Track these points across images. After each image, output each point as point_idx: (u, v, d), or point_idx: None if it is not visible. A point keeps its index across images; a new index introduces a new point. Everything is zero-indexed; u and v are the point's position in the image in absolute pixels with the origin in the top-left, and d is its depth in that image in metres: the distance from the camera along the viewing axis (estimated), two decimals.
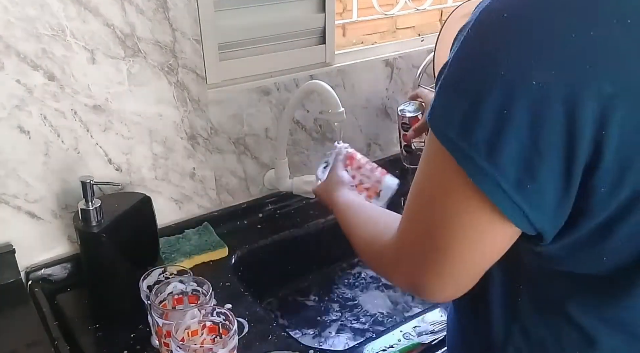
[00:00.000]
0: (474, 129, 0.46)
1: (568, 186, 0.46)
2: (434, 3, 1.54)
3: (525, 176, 0.45)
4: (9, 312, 0.94)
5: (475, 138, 0.46)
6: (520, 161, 0.45)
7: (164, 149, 1.11)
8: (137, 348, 0.90)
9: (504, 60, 0.45)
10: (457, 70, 0.48)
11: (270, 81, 1.21)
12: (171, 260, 1.08)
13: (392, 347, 0.90)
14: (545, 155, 0.45)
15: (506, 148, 0.45)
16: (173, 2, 1.02)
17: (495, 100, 0.45)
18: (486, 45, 0.46)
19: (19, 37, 0.90)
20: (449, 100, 0.49)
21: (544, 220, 0.48)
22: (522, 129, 0.44)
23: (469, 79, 0.47)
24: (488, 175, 0.46)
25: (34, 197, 1.00)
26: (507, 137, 0.45)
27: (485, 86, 0.45)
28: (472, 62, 0.47)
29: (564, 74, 0.43)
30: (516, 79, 0.44)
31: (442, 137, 0.49)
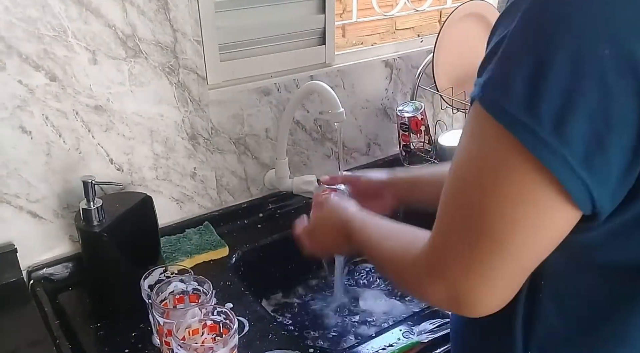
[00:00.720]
0: (539, 101, 0.43)
1: (636, 160, 0.44)
2: (433, 4, 1.55)
3: (594, 150, 0.43)
4: (10, 311, 0.94)
5: (540, 111, 0.43)
6: (589, 135, 0.43)
7: (165, 148, 1.12)
8: (139, 347, 0.90)
9: (574, 29, 0.42)
10: (519, 40, 0.45)
11: (270, 81, 1.21)
12: (172, 259, 1.08)
13: (392, 346, 0.90)
14: (616, 129, 0.42)
15: (576, 121, 0.42)
16: (174, 3, 1.02)
17: (563, 71, 0.42)
18: (554, 14, 0.44)
19: (21, 38, 0.91)
20: (509, 72, 0.45)
21: (606, 197, 0.45)
22: (592, 101, 0.42)
23: (534, 48, 0.44)
24: (555, 150, 0.43)
25: (35, 197, 1.00)
26: (577, 110, 0.42)
27: (553, 54, 0.43)
28: (537, 30, 0.44)
29: (635, 44, 0.41)
30: (587, 48, 0.42)
31: (500, 112, 0.45)
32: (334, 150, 1.37)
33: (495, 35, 0.48)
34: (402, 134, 1.38)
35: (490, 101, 0.46)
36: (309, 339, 1.10)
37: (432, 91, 1.38)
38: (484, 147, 0.48)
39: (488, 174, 0.47)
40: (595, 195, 0.45)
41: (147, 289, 0.86)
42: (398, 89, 1.44)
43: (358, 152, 1.44)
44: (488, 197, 0.47)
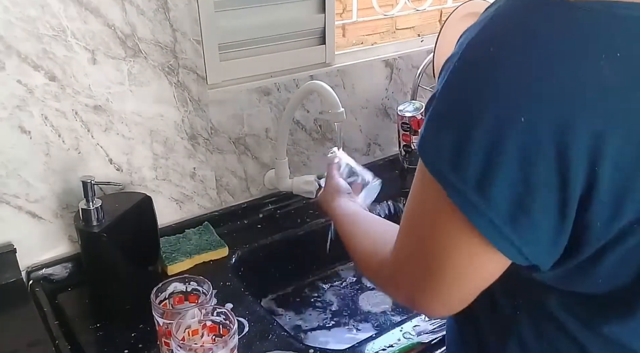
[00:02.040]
0: (463, 163, 0.45)
1: (562, 221, 0.45)
2: (433, 4, 1.54)
3: (518, 212, 0.45)
4: (10, 311, 0.94)
5: (465, 172, 0.45)
6: (511, 197, 0.44)
7: (165, 149, 1.11)
8: (138, 347, 0.90)
9: (491, 97, 0.44)
10: (445, 103, 0.48)
11: (270, 81, 1.21)
12: (172, 259, 1.08)
13: (392, 346, 0.90)
14: (537, 192, 0.44)
15: (497, 184, 0.44)
16: (173, 3, 1.02)
17: (484, 136, 0.44)
18: (473, 80, 0.45)
19: (20, 38, 0.90)
20: (438, 132, 0.48)
21: (539, 254, 0.47)
22: (512, 165, 0.43)
23: (457, 114, 0.46)
24: (479, 210, 0.45)
25: (34, 197, 1.00)
26: (498, 173, 0.44)
27: (473, 122, 0.44)
28: (459, 96, 0.47)
29: (552, 111, 0.42)
30: (504, 116, 0.43)
31: (432, 169, 0.48)
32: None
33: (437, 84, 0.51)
34: (403, 133, 1.37)
35: (426, 158, 0.49)
36: (309, 339, 1.10)
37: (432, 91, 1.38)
38: (425, 194, 0.51)
39: (429, 218, 0.51)
40: (526, 252, 0.47)
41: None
42: (398, 88, 1.44)
43: (358, 152, 1.43)
44: (430, 238, 0.51)
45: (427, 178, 0.49)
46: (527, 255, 0.47)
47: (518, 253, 0.47)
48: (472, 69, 0.46)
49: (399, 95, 1.45)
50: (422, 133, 0.50)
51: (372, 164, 1.45)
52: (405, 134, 1.37)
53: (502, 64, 0.44)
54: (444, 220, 0.49)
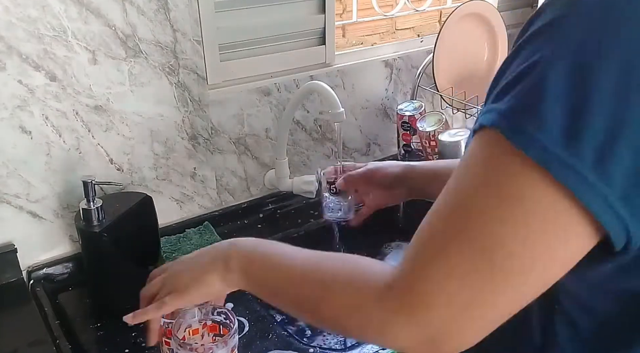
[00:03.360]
0: (581, 133, 0.39)
1: None
2: (433, 4, 1.55)
3: (635, 186, 0.40)
4: (10, 311, 0.94)
5: (582, 144, 0.39)
6: (632, 171, 0.40)
7: (165, 149, 1.12)
8: (138, 347, 0.90)
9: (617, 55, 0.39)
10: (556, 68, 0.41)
11: (270, 82, 1.21)
12: (172, 259, 1.08)
13: None
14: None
15: (620, 156, 0.39)
16: (174, 3, 1.02)
17: (606, 101, 0.39)
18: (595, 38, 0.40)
19: (21, 38, 0.91)
20: (543, 101, 0.41)
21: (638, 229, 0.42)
22: (637, 133, 0.39)
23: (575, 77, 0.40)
24: (595, 188, 0.40)
25: (35, 197, 1.00)
26: (620, 143, 0.39)
27: (596, 82, 0.39)
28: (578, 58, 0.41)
29: None
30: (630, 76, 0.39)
31: (531, 145, 0.41)
32: (333, 150, 1.37)
33: (520, 57, 0.44)
34: (403, 133, 1.38)
35: (519, 132, 0.41)
36: (309, 339, 1.10)
37: (432, 91, 1.38)
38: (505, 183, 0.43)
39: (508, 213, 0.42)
40: (632, 231, 0.42)
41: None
42: (398, 89, 1.44)
43: (358, 152, 1.44)
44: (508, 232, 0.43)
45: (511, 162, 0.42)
46: (632, 234, 0.42)
47: (624, 231, 0.42)
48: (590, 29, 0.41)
49: (399, 96, 1.45)
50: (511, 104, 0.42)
51: None
52: (405, 134, 1.37)
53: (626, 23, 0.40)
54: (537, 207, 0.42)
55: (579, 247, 0.43)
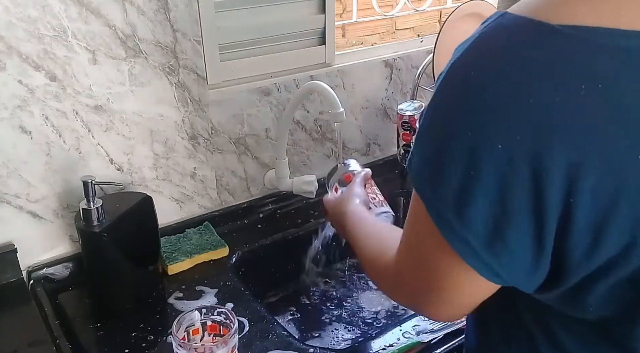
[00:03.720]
0: (442, 184, 0.46)
1: (540, 248, 0.45)
2: (433, 4, 1.55)
3: (495, 237, 0.45)
4: (10, 311, 0.94)
5: (443, 194, 0.46)
6: (488, 221, 0.44)
7: (165, 149, 1.12)
8: (139, 347, 0.90)
9: (469, 122, 0.44)
10: (427, 120, 0.49)
11: (270, 81, 1.21)
12: (172, 259, 1.08)
13: (392, 346, 0.90)
14: (514, 218, 0.44)
15: (474, 207, 0.44)
16: (174, 3, 1.02)
17: (462, 160, 0.44)
18: (453, 104, 0.46)
19: (21, 38, 0.91)
20: (422, 151, 0.49)
21: (519, 278, 0.47)
22: (489, 190, 0.43)
23: (437, 133, 0.47)
24: (457, 232, 0.46)
25: (35, 197, 1.00)
26: (474, 197, 0.44)
27: (451, 143, 0.45)
28: (440, 116, 0.47)
29: (528, 140, 0.41)
30: (482, 141, 0.43)
31: (417, 187, 0.49)
32: (334, 150, 1.37)
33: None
34: (404, 132, 1.38)
35: (411, 176, 0.50)
36: (309, 339, 1.10)
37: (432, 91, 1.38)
38: (415, 210, 0.52)
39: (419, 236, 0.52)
40: (504, 276, 0.47)
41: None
42: (398, 89, 1.44)
43: (358, 152, 1.44)
44: (423, 253, 0.53)
45: (416, 195, 0.51)
46: (506, 279, 0.47)
47: (496, 276, 0.47)
48: (453, 90, 0.46)
49: (399, 96, 1.45)
50: (412, 149, 0.51)
51: (372, 164, 1.46)
52: (405, 133, 1.37)
53: (480, 91, 0.43)
54: (430, 237, 0.49)
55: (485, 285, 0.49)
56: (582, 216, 0.42)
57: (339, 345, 1.09)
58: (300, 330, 1.13)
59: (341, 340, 1.10)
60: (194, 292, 1.03)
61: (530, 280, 0.48)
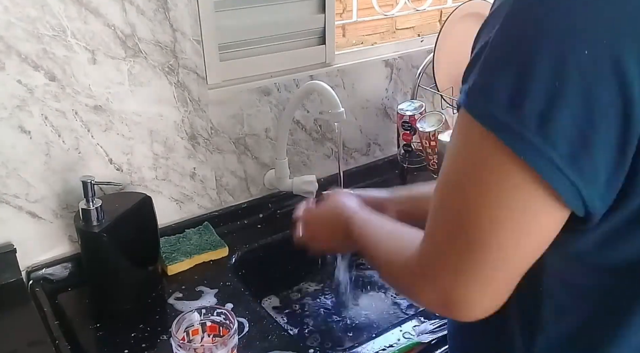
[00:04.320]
0: (523, 102, 0.44)
1: (622, 158, 0.44)
2: (433, 4, 1.54)
3: (579, 149, 0.44)
4: (10, 311, 0.94)
5: (524, 112, 0.44)
6: (574, 134, 0.43)
7: (165, 149, 1.11)
8: (138, 347, 0.90)
9: (553, 30, 0.43)
10: (500, 45, 0.46)
11: (270, 81, 1.21)
12: (172, 259, 1.08)
13: (392, 346, 0.90)
14: (600, 127, 0.43)
15: (559, 121, 0.43)
16: (173, 3, 1.02)
17: (545, 72, 0.43)
18: (533, 20, 0.45)
19: (20, 38, 0.90)
20: (492, 77, 0.46)
21: (597, 196, 0.46)
22: (575, 100, 0.43)
23: (516, 52, 0.45)
24: (540, 150, 0.44)
25: (34, 197, 1.00)
26: (560, 109, 0.43)
27: (534, 57, 0.44)
28: (518, 35, 0.46)
29: (614, 44, 0.42)
30: (567, 49, 0.43)
31: (485, 117, 0.46)
32: (334, 150, 1.37)
33: (478, 43, 0.49)
34: (404, 132, 1.37)
35: (476, 106, 0.47)
36: (309, 339, 1.10)
37: (433, 91, 1.38)
38: (470, 152, 0.49)
39: (474, 178, 0.48)
40: (585, 194, 0.45)
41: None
42: (398, 88, 1.44)
43: (358, 152, 1.43)
44: (474, 202, 0.48)
45: (474, 135, 0.47)
46: (586, 198, 0.45)
47: (578, 196, 0.45)
48: (529, 9, 0.45)
49: (399, 95, 1.45)
50: (469, 85, 0.48)
51: (372, 164, 1.45)
52: (405, 133, 1.37)
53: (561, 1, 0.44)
54: (495, 172, 0.46)
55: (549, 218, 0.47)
56: None
57: (339, 345, 1.08)
58: (301, 330, 1.12)
59: (341, 340, 1.10)
60: (193, 292, 1.02)
61: (605, 198, 0.46)
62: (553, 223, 0.48)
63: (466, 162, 0.49)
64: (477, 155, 0.48)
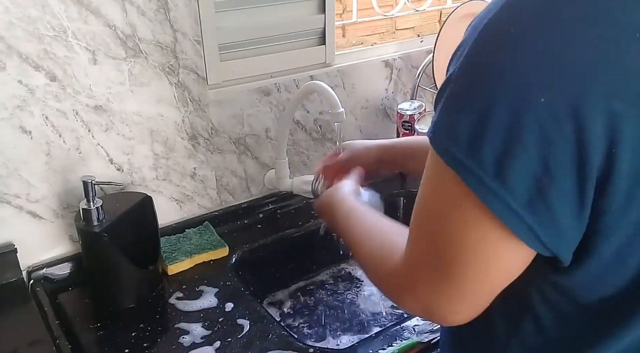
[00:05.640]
0: (481, 147, 0.45)
1: (581, 205, 0.45)
2: (433, 4, 1.55)
3: (536, 196, 0.44)
4: (10, 311, 0.94)
5: (482, 156, 0.45)
6: (530, 180, 0.44)
7: (165, 149, 1.12)
8: (139, 347, 0.90)
9: (511, 77, 0.44)
10: (462, 86, 0.47)
11: (270, 81, 1.21)
12: (172, 259, 1.08)
13: (392, 346, 0.90)
14: (556, 174, 0.43)
15: (515, 167, 0.44)
16: (174, 3, 1.02)
17: (503, 118, 0.44)
18: (493, 62, 0.45)
19: (21, 38, 0.91)
20: (454, 117, 0.47)
21: (558, 241, 0.47)
22: (531, 147, 0.43)
23: (476, 96, 0.46)
24: (497, 195, 0.45)
25: (35, 197, 1.00)
26: (516, 156, 0.44)
27: (492, 103, 0.44)
28: (478, 78, 0.46)
29: (572, 92, 0.42)
30: (524, 96, 0.43)
31: (447, 156, 0.47)
32: None
33: (450, 67, 0.49)
34: (404, 132, 1.38)
35: (439, 143, 0.48)
36: (309, 339, 1.10)
37: (432, 91, 1.38)
38: (436, 184, 0.50)
39: (444, 210, 0.50)
40: (543, 238, 0.46)
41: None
42: (398, 89, 1.44)
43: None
44: (446, 232, 0.50)
45: (439, 168, 0.48)
46: (546, 242, 0.46)
47: (536, 239, 0.46)
48: (491, 49, 0.45)
49: (399, 96, 1.45)
50: (435, 118, 0.49)
51: None
52: (405, 133, 1.37)
53: (523, 44, 0.43)
54: (460, 209, 0.48)
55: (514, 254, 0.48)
56: (623, 168, 0.43)
57: (339, 345, 1.09)
58: (301, 329, 1.13)
59: (341, 339, 1.10)
60: (194, 292, 1.03)
61: (567, 243, 0.47)
62: (518, 261, 0.49)
63: (434, 192, 0.51)
64: (443, 188, 0.49)
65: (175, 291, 1.03)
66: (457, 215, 0.49)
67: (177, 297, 1.01)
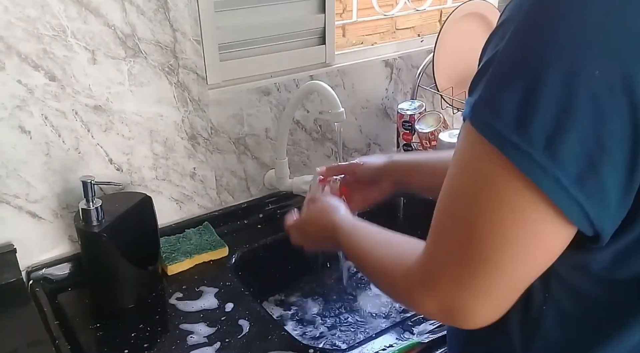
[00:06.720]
0: (530, 122, 0.43)
1: (631, 180, 0.44)
2: (433, 4, 1.54)
3: (587, 171, 0.43)
4: (10, 311, 0.94)
5: (532, 132, 0.43)
6: (582, 155, 0.42)
7: (165, 149, 1.11)
8: (138, 347, 0.90)
9: (565, 48, 0.42)
10: (509, 59, 0.45)
11: (270, 81, 1.21)
12: (172, 259, 1.08)
13: (392, 346, 0.90)
14: (609, 148, 0.42)
15: (567, 142, 0.42)
16: (174, 3, 1.02)
17: (554, 90, 0.42)
18: (544, 33, 0.43)
19: (20, 38, 0.91)
20: (499, 93, 0.45)
21: (605, 217, 0.45)
22: (584, 120, 0.42)
23: (525, 67, 0.44)
24: (546, 170, 0.43)
25: (35, 197, 1.00)
26: (569, 131, 0.42)
27: (543, 75, 0.42)
28: (528, 50, 0.44)
29: (627, 62, 0.41)
30: (578, 68, 0.42)
31: (491, 133, 0.45)
32: (334, 150, 1.37)
33: (486, 53, 0.48)
34: (404, 132, 1.37)
35: (482, 121, 0.46)
36: (309, 339, 1.10)
37: (433, 91, 1.38)
38: (476, 167, 0.48)
39: (481, 193, 0.47)
40: (592, 215, 0.45)
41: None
42: (398, 88, 1.44)
43: (358, 152, 1.43)
44: (480, 216, 0.47)
45: (477, 147, 0.46)
46: (593, 218, 0.45)
47: (585, 217, 0.45)
48: (539, 24, 0.44)
49: (399, 95, 1.45)
50: (479, 96, 0.47)
51: None
52: (405, 133, 1.37)
53: (579, 11, 0.42)
54: (501, 189, 0.46)
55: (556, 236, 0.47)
56: None
57: (339, 345, 1.08)
58: (301, 330, 1.12)
59: (341, 340, 1.10)
60: (193, 292, 1.03)
61: (614, 219, 0.46)
62: (559, 242, 0.48)
63: (474, 176, 0.48)
64: (485, 171, 0.47)
65: (175, 291, 1.03)
66: (493, 195, 0.46)
67: (177, 298, 1.01)
